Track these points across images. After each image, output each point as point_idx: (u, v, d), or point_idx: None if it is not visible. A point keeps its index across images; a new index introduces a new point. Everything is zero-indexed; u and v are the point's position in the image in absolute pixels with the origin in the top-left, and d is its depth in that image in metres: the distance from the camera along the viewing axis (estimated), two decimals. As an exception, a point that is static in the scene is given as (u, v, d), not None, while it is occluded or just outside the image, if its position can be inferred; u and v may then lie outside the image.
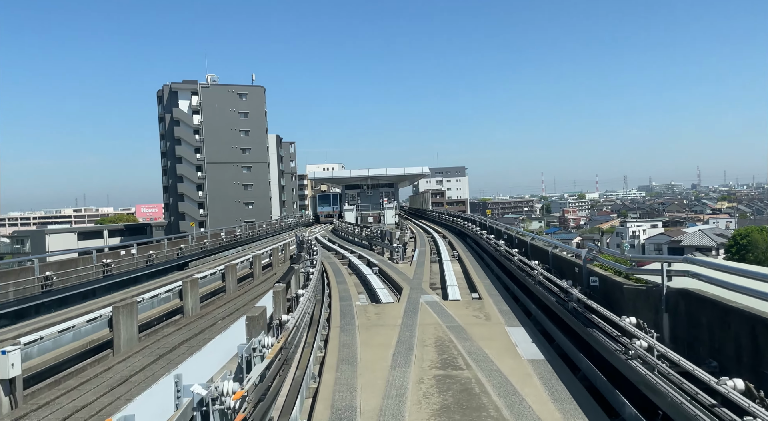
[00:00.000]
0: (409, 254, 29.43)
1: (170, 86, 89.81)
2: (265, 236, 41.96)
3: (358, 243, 35.93)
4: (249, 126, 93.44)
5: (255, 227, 42.26)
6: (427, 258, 27.16)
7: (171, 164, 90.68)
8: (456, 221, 43.73)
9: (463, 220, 41.07)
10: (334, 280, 20.57)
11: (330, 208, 68.45)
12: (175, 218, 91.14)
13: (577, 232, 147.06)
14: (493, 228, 29.23)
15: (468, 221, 39.84)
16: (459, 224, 41.23)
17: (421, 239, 38.28)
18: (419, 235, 41.69)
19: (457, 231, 43.14)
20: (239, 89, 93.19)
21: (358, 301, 16.30)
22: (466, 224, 37.94)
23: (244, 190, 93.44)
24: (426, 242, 35.28)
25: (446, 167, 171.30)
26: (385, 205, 55.60)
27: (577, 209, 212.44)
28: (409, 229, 48.15)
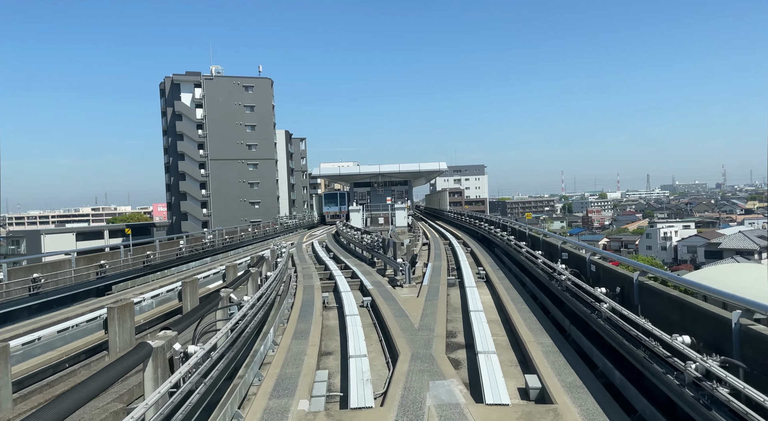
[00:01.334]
0: (420, 270, 21.53)
1: (172, 78, 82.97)
2: (249, 242, 34.42)
3: (359, 255, 28.13)
4: (255, 120, 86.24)
5: (237, 231, 34.68)
6: (443, 279, 19.22)
7: (173, 161, 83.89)
8: (479, 225, 35.66)
9: (488, 223, 33.01)
10: (291, 330, 12.65)
11: (337, 208, 60.80)
12: (178, 217, 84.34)
13: (603, 233, 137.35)
14: (537, 240, 21.04)
15: (493, 224, 31.76)
16: (483, 228, 33.18)
17: (437, 246, 30.32)
18: (434, 241, 33.72)
19: (480, 237, 35.10)
20: (245, 81, 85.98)
21: (303, 403, 7.97)
22: (492, 229, 29.91)
23: (250, 188, 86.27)
24: (442, 253, 27.29)
25: (465, 166, 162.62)
26: (396, 205, 47.76)
27: (600, 209, 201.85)
28: (422, 233, 40.22)
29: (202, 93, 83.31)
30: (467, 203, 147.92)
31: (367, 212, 58.78)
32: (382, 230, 47.48)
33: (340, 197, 61.29)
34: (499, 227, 28.70)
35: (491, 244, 30.07)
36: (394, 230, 46.87)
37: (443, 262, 23.43)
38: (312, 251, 30.95)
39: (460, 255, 24.97)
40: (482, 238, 34.53)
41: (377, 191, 61.23)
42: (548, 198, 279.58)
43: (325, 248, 32.31)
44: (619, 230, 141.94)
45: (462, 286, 17.36)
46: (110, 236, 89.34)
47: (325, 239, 38.77)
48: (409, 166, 59.01)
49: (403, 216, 47.30)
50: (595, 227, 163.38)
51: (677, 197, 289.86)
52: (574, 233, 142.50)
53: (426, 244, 33.32)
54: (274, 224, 42.95)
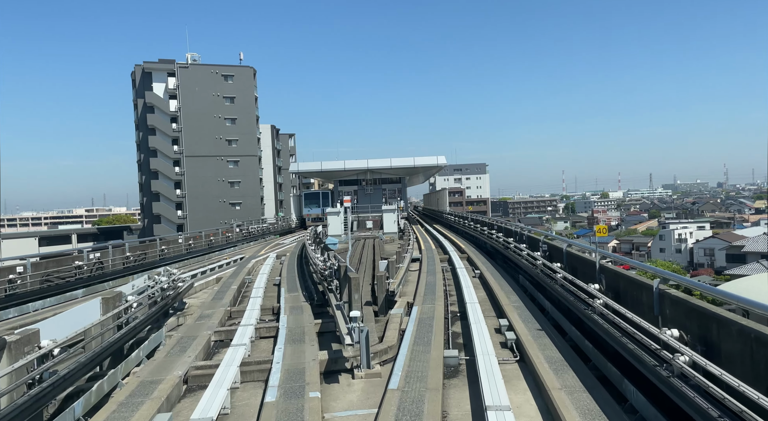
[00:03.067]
0: (395, 325, 11.94)
1: (143, 66, 73.49)
2: (173, 259, 24.80)
3: (310, 289, 18.35)
4: (236, 113, 76.77)
5: (168, 242, 25.11)
6: (434, 357, 9.56)
7: (144, 158, 74.45)
8: (489, 234, 26.13)
9: (504, 234, 23.47)
10: None
11: (319, 209, 51.33)
12: (150, 220, 74.90)
13: (611, 234, 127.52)
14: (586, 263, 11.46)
15: (510, 234, 22.23)
16: (498, 241, 23.58)
17: (430, 267, 20.78)
18: (428, 256, 24.20)
19: (490, 249, 25.62)
20: (224, 70, 76.49)
21: None
22: (512, 244, 20.35)
23: (230, 187, 76.82)
24: (438, 281, 17.71)
25: (465, 164, 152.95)
26: (384, 206, 38.24)
27: (606, 209, 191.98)
28: (414, 240, 30.73)
29: (177, 83, 73.86)
30: (468, 203, 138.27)
31: (353, 214, 49.24)
32: (367, 236, 37.91)
33: (323, 197, 51.84)
34: (524, 240, 19.09)
35: (509, 262, 20.55)
36: (382, 237, 37.33)
37: (438, 304, 13.84)
38: (251, 275, 21.54)
39: (465, 287, 15.45)
40: (493, 251, 25.00)
41: (366, 190, 51.71)
42: (549, 198, 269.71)
43: (280, 269, 22.82)
44: (628, 231, 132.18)
45: (475, 377, 7.93)
46: (79, 239, 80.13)
47: (288, 252, 29.28)
48: (403, 160, 49.50)
49: (393, 220, 37.78)
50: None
51: (680, 196, 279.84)
52: (580, 234, 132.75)
53: (417, 260, 23.81)
54: (227, 231, 33.43)
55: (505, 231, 23.65)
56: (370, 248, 30.86)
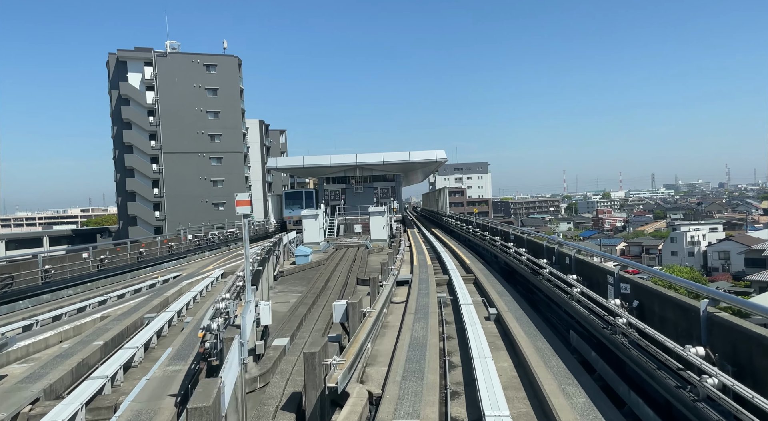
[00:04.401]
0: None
1: (117, 55, 66.52)
2: (90, 277, 17.97)
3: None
4: (219, 106, 69.77)
5: (99, 252, 18.19)
6: None
7: (120, 154, 67.49)
8: (501, 246, 19.17)
9: (519, 246, 16.56)
10: None
11: (302, 210, 44.26)
12: (125, 222, 67.96)
13: (619, 236, 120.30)
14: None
15: (538, 251, 15.30)
16: (511, 253, 16.60)
17: (422, 297, 13.92)
18: (420, 277, 17.30)
19: (504, 266, 18.67)
20: (206, 59, 69.48)
21: None
22: (540, 266, 13.37)
23: (213, 187, 69.84)
24: (431, 327, 10.78)
25: (466, 163, 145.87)
26: (372, 208, 31.18)
27: (611, 209, 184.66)
28: (405, 252, 23.86)
29: (154, 72, 66.88)
30: (469, 204, 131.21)
31: (340, 217, 42.29)
32: (351, 244, 30.92)
33: (306, 197, 44.84)
34: (571, 267, 12.00)
35: (536, 292, 13.60)
36: (369, 245, 30.33)
37: (428, 395, 6.82)
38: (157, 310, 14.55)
39: (476, 351, 8.54)
40: (508, 270, 18.03)
41: (354, 189, 44.69)
42: (550, 198, 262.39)
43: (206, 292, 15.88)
44: (636, 232, 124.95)
45: None
46: (51, 242, 73.24)
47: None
48: (397, 155, 42.51)
49: (383, 224, 30.73)
50: (606, 229, 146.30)
51: (683, 197, 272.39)
52: (587, 236, 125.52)
53: (405, 282, 16.86)
54: (172, 239, 26.20)
55: (528, 245, 16.61)
56: (348, 261, 23.90)
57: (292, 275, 21.17)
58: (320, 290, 16.41)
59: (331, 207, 44.22)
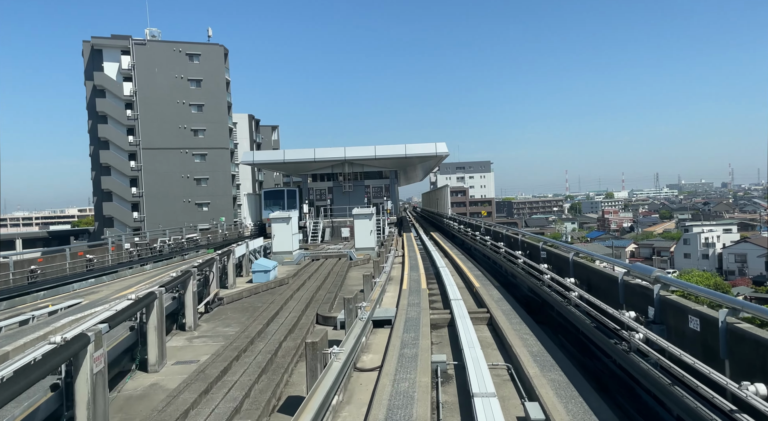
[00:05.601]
0: None
1: (91, 43, 60.70)
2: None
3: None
4: (203, 99, 63.91)
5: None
6: None
7: (95, 150, 61.69)
8: (523, 265, 13.21)
9: (561, 273, 10.63)
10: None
11: (284, 212, 38.33)
12: (101, 223, 62.14)
13: (628, 237, 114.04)
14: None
15: (587, 278, 9.37)
16: (543, 280, 10.61)
17: (408, 367, 8.00)
18: (409, 315, 11.37)
19: (527, 293, 12.70)
20: (189, 48, 63.59)
21: None
22: (606, 316, 7.41)
23: (197, 185, 63.98)
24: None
25: (469, 162, 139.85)
26: (357, 210, 25.08)
27: (618, 209, 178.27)
28: (394, 266, 18.01)
29: (132, 62, 61.03)
30: (472, 204, 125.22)
31: (326, 219, 36.32)
32: (332, 254, 24.96)
33: (288, 196, 38.92)
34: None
35: (594, 356, 7.63)
36: (353, 256, 24.37)
37: None
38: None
39: None
40: (536, 303, 12.07)
41: (343, 187, 38.71)
42: (552, 198, 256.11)
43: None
44: (645, 233, 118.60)
45: None
46: (24, 245, 67.42)
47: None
48: (391, 148, 36.53)
49: (370, 229, 24.72)
50: (613, 230, 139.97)
51: (687, 197, 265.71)
52: (593, 237, 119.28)
53: (386, 322, 10.98)
54: (95, 250, 20.25)
55: (579, 273, 10.56)
56: (320, 279, 17.98)
57: (237, 303, 15.20)
58: (253, 338, 10.44)
59: (316, 208, 38.30)
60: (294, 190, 39.89)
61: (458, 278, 17.59)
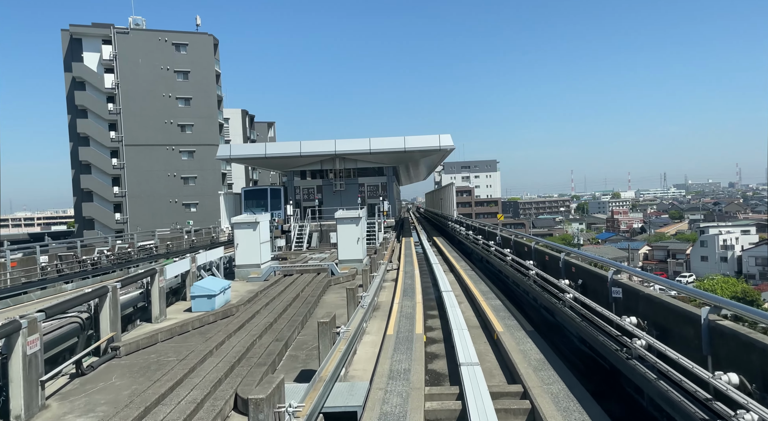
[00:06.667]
0: None
1: (70, 32, 55.92)
2: None
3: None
4: (191, 91, 59.03)
5: None
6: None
7: (74, 147, 56.91)
8: (583, 309, 8.06)
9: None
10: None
11: (266, 213, 33.39)
12: (81, 225, 57.36)
13: (640, 239, 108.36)
14: None
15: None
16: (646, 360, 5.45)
17: None
18: (386, 405, 6.09)
19: (589, 362, 7.50)
20: (175, 37, 58.72)
21: None
22: None
23: (184, 184, 59.11)
24: None
25: (474, 161, 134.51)
26: (341, 212, 20.08)
27: (627, 210, 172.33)
28: (382, 284, 12.91)
29: (114, 52, 56.21)
30: (477, 204, 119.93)
31: (314, 223, 31.22)
32: (310, 268, 19.84)
33: (272, 196, 33.91)
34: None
35: None
36: (336, 270, 19.24)
37: None
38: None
39: None
40: (605, 376, 6.89)
41: (333, 186, 33.61)
42: (558, 198, 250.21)
43: None
44: (658, 235, 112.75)
45: None
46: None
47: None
48: (388, 141, 31.43)
49: (357, 236, 19.59)
50: (623, 231, 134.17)
51: (696, 196, 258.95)
52: (604, 238, 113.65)
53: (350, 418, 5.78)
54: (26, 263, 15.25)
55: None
56: (280, 309, 12.90)
57: (141, 355, 10.08)
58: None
59: (302, 209, 33.24)
60: (278, 189, 34.84)
61: (468, 308, 12.47)
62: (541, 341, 8.98)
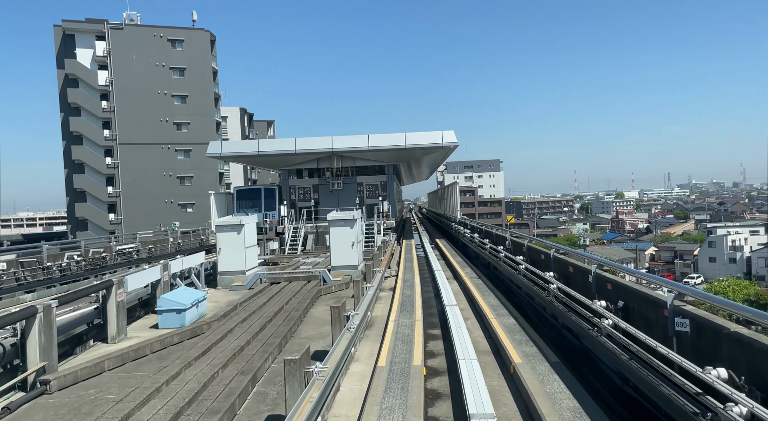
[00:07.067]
0: None
1: (63, 27, 54.23)
2: None
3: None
4: (187, 89, 57.26)
5: None
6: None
7: (67, 146, 55.24)
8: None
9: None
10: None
11: (259, 214, 31.62)
12: (74, 226, 55.66)
13: (646, 239, 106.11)
14: None
15: None
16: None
17: None
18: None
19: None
20: (171, 33, 56.95)
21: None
22: None
23: (180, 184, 57.34)
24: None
25: (477, 160, 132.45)
26: (331, 215, 18.31)
27: (632, 210, 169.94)
28: (376, 297, 11.00)
29: (107, 48, 54.47)
30: (481, 204, 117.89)
31: (309, 224, 29.39)
32: (299, 275, 17.98)
33: (266, 196, 32.08)
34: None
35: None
36: (327, 276, 17.38)
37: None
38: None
39: None
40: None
41: (331, 185, 31.76)
42: (561, 198, 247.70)
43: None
44: (664, 235, 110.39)
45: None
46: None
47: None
48: (388, 138, 29.57)
49: (351, 240, 17.73)
50: (628, 231, 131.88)
51: (700, 196, 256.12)
52: (609, 239, 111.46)
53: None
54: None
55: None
56: (254, 327, 11.01)
57: (75, 391, 8.22)
58: None
59: (297, 210, 31.40)
60: (273, 188, 32.98)
61: (477, 326, 10.59)
62: (570, 378, 7.08)
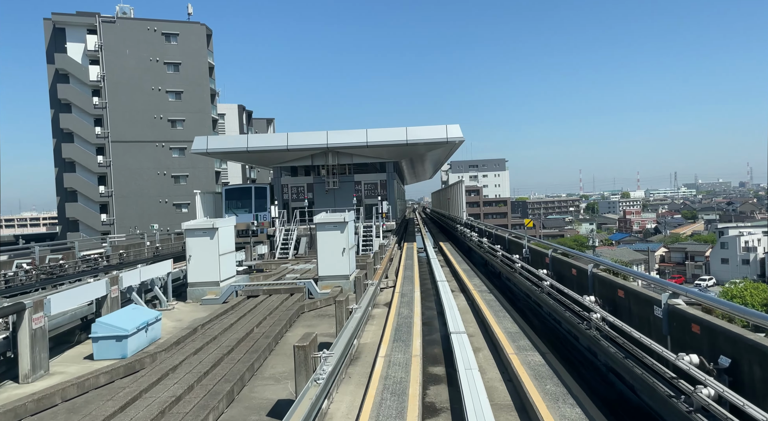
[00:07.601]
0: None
1: (53, 21, 51.97)
2: None
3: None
4: (182, 85, 54.91)
5: None
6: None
7: (58, 143, 52.99)
8: None
9: None
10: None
11: (250, 214, 29.27)
12: (64, 226, 53.42)
13: (655, 240, 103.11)
14: None
15: None
16: None
17: None
18: None
19: None
20: (165, 27, 54.60)
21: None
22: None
23: (174, 183, 55.01)
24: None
25: (482, 160, 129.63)
26: (317, 218, 15.92)
27: (639, 210, 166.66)
28: (367, 320, 8.41)
29: (99, 42, 52.19)
30: (486, 204, 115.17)
31: (302, 226, 26.95)
32: (282, 286, 15.48)
33: (257, 195, 29.68)
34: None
35: None
36: (314, 288, 14.87)
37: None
38: None
39: None
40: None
41: (326, 184, 29.27)
42: (566, 197, 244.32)
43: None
44: (673, 236, 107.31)
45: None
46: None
47: None
48: (388, 132, 27.08)
49: (342, 246, 15.28)
50: (636, 231, 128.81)
51: (707, 196, 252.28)
52: (617, 239, 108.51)
53: None
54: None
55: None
56: (208, 361, 8.47)
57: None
58: None
59: (290, 210, 28.93)
60: (264, 187, 30.55)
61: (493, 366, 8.07)
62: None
